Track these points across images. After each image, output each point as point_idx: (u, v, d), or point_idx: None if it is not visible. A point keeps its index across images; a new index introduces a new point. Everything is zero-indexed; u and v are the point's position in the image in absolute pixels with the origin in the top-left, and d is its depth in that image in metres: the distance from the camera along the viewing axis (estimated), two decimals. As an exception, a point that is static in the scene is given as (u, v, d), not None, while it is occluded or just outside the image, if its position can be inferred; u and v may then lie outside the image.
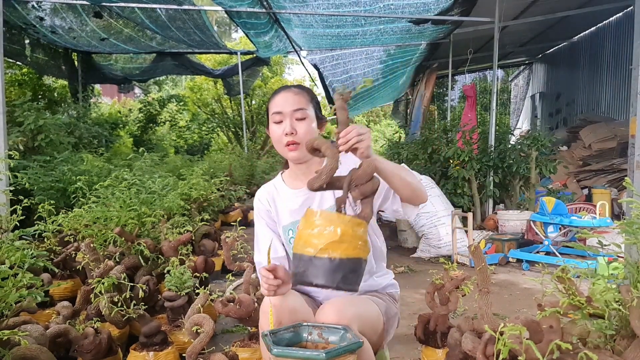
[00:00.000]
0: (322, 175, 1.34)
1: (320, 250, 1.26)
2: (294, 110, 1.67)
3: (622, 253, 1.42)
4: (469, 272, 2.19)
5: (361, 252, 1.31)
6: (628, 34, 9.03)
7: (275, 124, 1.70)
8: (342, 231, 1.27)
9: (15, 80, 9.76)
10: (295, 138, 1.66)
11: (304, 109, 1.68)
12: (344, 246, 1.27)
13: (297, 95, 1.70)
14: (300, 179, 1.76)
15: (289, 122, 1.66)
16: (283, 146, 1.68)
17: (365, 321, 1.54)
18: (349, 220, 1.29)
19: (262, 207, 1.83)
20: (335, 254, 1.26)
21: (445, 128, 7.36)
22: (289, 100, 1.69)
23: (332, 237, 1.27)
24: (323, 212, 1.33)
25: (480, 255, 1.69)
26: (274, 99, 1.72)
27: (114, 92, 16.77)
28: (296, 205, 1.76)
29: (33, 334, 1.89)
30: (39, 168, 4.84)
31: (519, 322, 1.22)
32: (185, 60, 10.30)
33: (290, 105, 1.67)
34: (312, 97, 1.75)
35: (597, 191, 6.90)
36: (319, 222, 1.30)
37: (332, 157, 1.35)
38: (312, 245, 1.28)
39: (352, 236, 1.28)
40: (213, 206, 5.11)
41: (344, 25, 7.29)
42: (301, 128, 1.67)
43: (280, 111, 1.68)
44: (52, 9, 7.27)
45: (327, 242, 1.26)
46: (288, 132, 1.65)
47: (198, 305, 2.18)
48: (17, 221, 2.36)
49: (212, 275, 3.60)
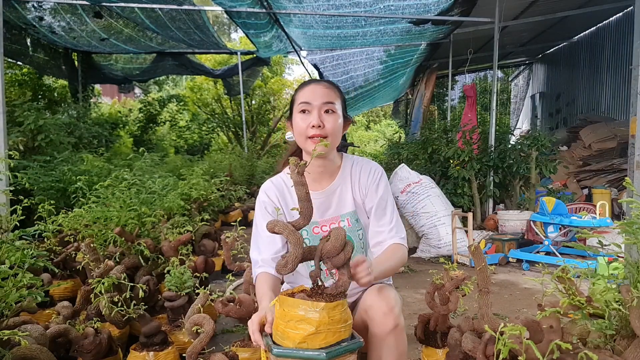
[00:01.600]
0: (287, 265, 1.29)
1: (299, 344, 1.25)
2: (324, 103, 1.64)
3: (622, 253, 1.42)
4: (469, 272, 2.19)
5: (342, 334, 1.28)
6: (628, 34, 9.03)
7: (301, 113, 1.66)
8: (318, 322, 1.23)
9: (15, 80, 9.76)
10: (321, 131, 1.63)
11: (333, 103, 1.66)
12: (322, 336, 1.25)
13: (327, 89, 1.68)
14: (316, 178, 1.75)
15: (317, 114, 1.63)
16: (306, 138, 1.65)
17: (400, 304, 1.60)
18: (323, 307, 1.24)
19: (268, 202, 1.75)
20: (314, 344, 1.24)
21: (445, 128, 7.37)
22: (318, 92, 1.66)
23: (307, 330, 1.24)
24: (296, 300, 1.27)
25: (480, 255, 1.69)
26: (302, 90, 1.69)
27: (114, 92, 16.78)
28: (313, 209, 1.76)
29: (33, 334, 1.89)
30: (39, 168, 4.84)
31: (519, 322, 1.22)
32: (185, 60, 10.30)
33: (320, 98, 1.64)
34: (341, 94, 1.73)
35: (597, 191, 6.89)
36: (293, 313, 1.26)
37: (295, 244, 1.29)
38: (289, 338, 1.26)
39: (329, 323, 1.25)
40: (213, 206, 5.11)
41: (344, 26, 7.29)
42: (329, 122, 1.64)
43: (308, 101, 1.64)
44: (52, 8, 7.27)
45: (304, 336, 1.24)
46: (315, 124, 1.62)
47: (198, 305, 2.17)
48: (17, 221, 2.35)
49: (212, 275, 3.59)
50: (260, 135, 15.46)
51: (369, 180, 1.75)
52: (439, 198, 5.14)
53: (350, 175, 1.77)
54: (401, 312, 1.53)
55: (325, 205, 1.75)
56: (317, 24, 7.10)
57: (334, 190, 1.76)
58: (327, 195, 1.75)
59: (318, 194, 1.74)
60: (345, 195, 1.76)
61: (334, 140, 1.68)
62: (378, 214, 1.73)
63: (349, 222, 1.75)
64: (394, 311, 1.48)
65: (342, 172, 1.77)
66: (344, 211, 1.75)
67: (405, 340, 1.53)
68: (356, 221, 1.75)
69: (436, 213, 4.99)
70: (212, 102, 15.23)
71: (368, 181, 1.75)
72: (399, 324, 1.48)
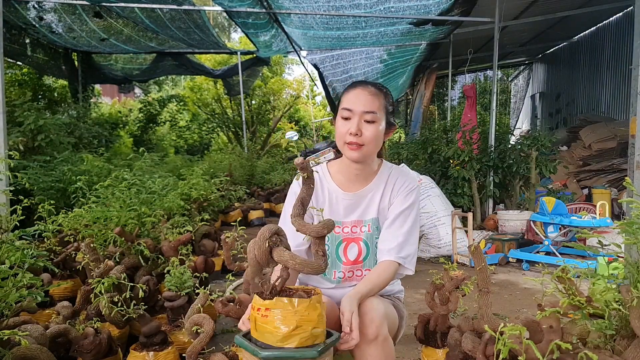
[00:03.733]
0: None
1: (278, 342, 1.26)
2: (365, 112, 1.63)
3: (622, 253, 1.42)
4: (469, 272, 2.19)
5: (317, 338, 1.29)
6: (628, 34, 9.03)
7: (342, 119, 1.67)
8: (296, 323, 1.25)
9: (15, 80, 9.75)
10: (359, 140, 1.63)
11: (375, 113, 1.64)
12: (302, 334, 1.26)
13: (371, 95, 1.66)
14: (351, 179, 1.76)
15: (357, 122, 1.63)
16: (344, 143, 1.66)
17: (390, 320, 1.59)
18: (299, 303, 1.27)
19: None
20: (291, 344, 1.26)
21: (445, 128, 7.37)
22: (361, 99, 1.65)
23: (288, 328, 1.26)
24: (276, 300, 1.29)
25: (480, 255, 1.69)
26: (348, 93, 1.69)
27: (114, 92, 16.78)
28: (340, 209, 1.75)
29: (33, 334, 1.89)
30: (39, 168, 4.84)
31: (519, 322, 1.22)
32: (185, 60, 10.30)
33: (363, 106, 1.64)
34: (387, 101, 1.71)
35: (597, 191, 6.89)
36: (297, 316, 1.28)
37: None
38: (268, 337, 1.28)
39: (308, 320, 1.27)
40: (213, 206, 5.12)
41: (344, 27, 7.29)
42: (368, 130, 1.64)
43: (350, 108, 1.64)
44: (52, 9, 7.27)
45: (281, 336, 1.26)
46: (353, 132, 1.62)
47: (198, 305, 2.17)
48: (17, 221, 2.35)
49: (212, 275, 3.60)
50: (260, 135, 15.45)
51: (401, 189, 1.75)
52: (439, 198, 5.15)
53: (386, 182, 1.77)
54: (384, 323, 1.49)
55: (352, 207, 1.75)
56: (317, 25, 7.10)
57: (366, 194, 1.76)
58: (357, 198, 1.76)
59: (349, 195, 1.75)
60: (374, 201, 1.76)
61: (372, 148, 1.68)
62: (396, 223, 1.70)
63: (369, 228, 1.75)
64: (375, 322, 1.46)
65: (377, 178, 1.78)
66: (368, 217, 1.75)
67: (391, 349, 1.51)
68: (376, 229, 1.75)
69: (436, 213, 5.00)
70: (212, 102, 15.23)
71: (400, 190, 1.75)
72: (379, 334, 1.46)
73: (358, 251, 1.76)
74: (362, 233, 1.75)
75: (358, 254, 1.76)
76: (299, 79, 16.94)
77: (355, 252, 1.76)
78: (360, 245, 1.75)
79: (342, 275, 1.77)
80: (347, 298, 1.47)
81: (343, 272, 1.76)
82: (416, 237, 1.73)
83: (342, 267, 1.76)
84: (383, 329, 1.48)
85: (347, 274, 1.77)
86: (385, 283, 1.63)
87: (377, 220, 1.76)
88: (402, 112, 15.01)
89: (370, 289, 1.56)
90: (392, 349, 1.52)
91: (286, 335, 1.25)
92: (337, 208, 1.75)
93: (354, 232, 1.76)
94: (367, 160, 1.72)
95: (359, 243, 1.76)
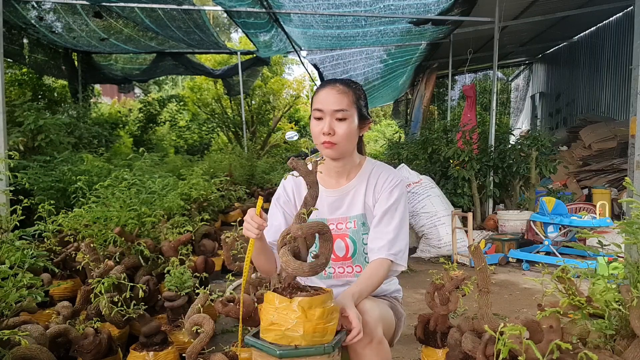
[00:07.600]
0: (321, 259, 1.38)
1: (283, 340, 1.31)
2: (335, 111, 1.65)
3: (622, 253, 1.42)
4: (469, 272, 2.19)
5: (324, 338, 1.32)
6: (628, 34, 9.03)
7: (315, 119, 1.69)
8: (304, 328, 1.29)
9: (15, 80, 9.74)
10: (332, 139, 1.65)
11: (345, 110, 1.66)
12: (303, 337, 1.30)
13: (340, 94, 1.67)
14: (333, 176, 1.78)
15: (329, 121, 1.65)
16: (320, 143, 1.69)
17: (386, 322, 1.59)
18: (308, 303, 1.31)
19: (282, 195, 1.83)
20: (298, 343, 1.30)
21: (445, 128, 7.36)
22: (330, 99, 1.66)
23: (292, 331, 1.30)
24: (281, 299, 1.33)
25: (480, 255, 1.69)
26: (317, 94, 1.71)
27: (114, 92, 16.77)
28: (324, 207, 1.76)
29: (33, 334, 1.89)
30: (39, 168, 4.83)
31: (519, 322, 1.22)
32: (185, 60, 10.30)
33: (332, 105, 1.65)
34: (358, 97, 1.72)
35: (597, 191, 6.89)
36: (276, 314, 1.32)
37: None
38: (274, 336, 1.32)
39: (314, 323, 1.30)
40: (213, 206, 5.11)
41: (344, 26, 7.28)
42: (340, 128, 1.66)
43: (321, 109, 1.67)
44: (52, 8, 7.27)
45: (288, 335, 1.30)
46: (326, 132, 1.65)
47: (198, 305, 2.17)
48: (17, 221, 2.35)
49: (212, 275, 3.60)
50: (260, 135, 15.45)
51: (385, 186, 1.75)
52: (439, 198, 5.15)
53: (368, 178, 1.77)
54: (379, 325, 1.49)
55: (337, 204, 1.77)
56: (317, 24, 7.10)
57: (349, 191, 1.78)
58: (340, 195, 1.77)
59: (332, 192, 1.77)
60: (358, 198, 1.76)
61: (347, 145, 1.70)
62: (384, 221, 1.70)
63: (355, 224, 1.76)
64: (369, 325, 1.46)
65: (360, 174, 1.79)
66: (353, 213, 1.76)
67: (386, 351, 1.51)
68: (362, 225, 1.76)
69: (436, 213, 5.00)
70: (212, 102, 15.22)
71: (383, 186, 1.75)
72: (373, 337, 1.46)
73: (345, 248, 1.77)
74: (347, 230, 1.77)
75: (345, 251, 1.77)
76: (299, 79, 16.92)
77: (343, 248, 1.77)
78: (346, 241, 1.77)
79: (333, 271, 1.79)
80: (341, 298, 1.47)
81: (333, 268, 1.79)
82: (406, 231, 1.73)
83: (331, 262, 1.77)
84: (377, 332, 1.48)
85: (337, 269, 1.79)
86: (379, 282, 1.63)
87: (363, 216, 1.76)
88: (402, 112, 15.02)
89: (362, 288, 1.56)
90: (387, 351, 1.52)
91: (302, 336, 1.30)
92: (321, 206, 1.75)
93: (339, 229, 1.77)
94: (344, 157, 1.74)
95: (345, 239, 1.77)
